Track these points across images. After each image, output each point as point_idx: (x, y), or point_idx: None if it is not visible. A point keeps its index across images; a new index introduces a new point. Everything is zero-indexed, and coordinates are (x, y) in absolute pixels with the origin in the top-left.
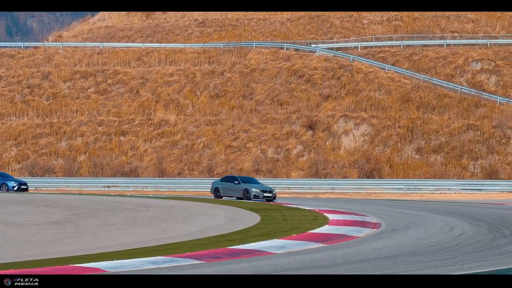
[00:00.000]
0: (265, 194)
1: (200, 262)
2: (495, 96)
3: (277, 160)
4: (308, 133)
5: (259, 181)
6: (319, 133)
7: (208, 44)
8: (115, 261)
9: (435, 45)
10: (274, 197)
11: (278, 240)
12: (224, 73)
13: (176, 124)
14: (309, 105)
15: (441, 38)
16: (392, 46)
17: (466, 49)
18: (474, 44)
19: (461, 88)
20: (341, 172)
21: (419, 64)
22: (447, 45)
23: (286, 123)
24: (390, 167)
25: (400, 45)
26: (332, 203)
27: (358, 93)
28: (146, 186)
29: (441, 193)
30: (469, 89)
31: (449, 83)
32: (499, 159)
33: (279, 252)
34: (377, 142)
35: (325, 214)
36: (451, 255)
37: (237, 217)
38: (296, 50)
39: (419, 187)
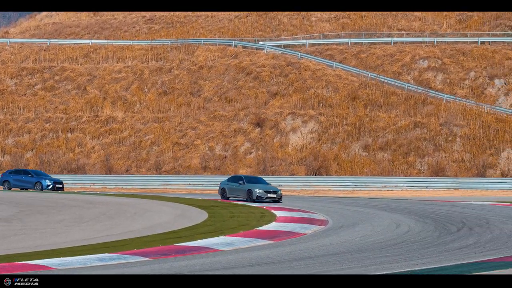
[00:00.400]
0: (268, 195)
1: (147, 259)
2: (441, 94)
3: (225, 157)
4: (256, 130)
5: (266, 180)
6: (267, 130)
7: (156, 41)
8: (62, 258)
9: (382, 42)
10: (280, 198)
11: (226, 237)
12: (172, 70)
13: (124, 121)
14: (257, 102)
15: (388, 36)
16: (339, 44)
17: (413, 47)
18: (421, 42)
19: (408, 86)
20: (288, 169)
21: (367, 62)
22: (394, 43)
23: (234, 120)
24: (337, 164)
25: (348, 43)
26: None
27: (306, 91)
28: (94, 183)
29: (388, 190)
30: (416, 86)
31: (396, 81)
32: (445, 157)
33: (226, 249)
34: (324, 140)
35: (272, 211)
36: (398, 251)
37: (185, 214)
38: (244, 47)
39: (366, 184)
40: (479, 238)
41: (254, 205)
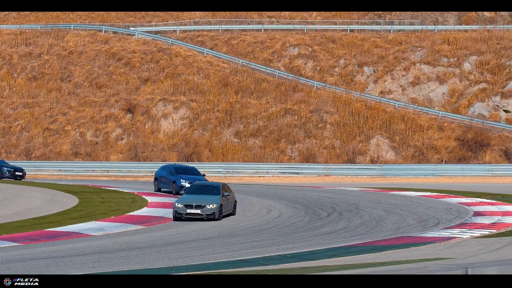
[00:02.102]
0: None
1: (17, 244)
2: (312, 81)
3: (96, 143)
4: (127, 116)
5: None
6: (138, 117)
7: (25, 26)
8: None
9: (253, 30)
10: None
11: (96, 222)
12: (42, 55)
13: None
14: (128, 88)
15: (259, 23)
16: (210, 31)
17: (283, 34)
18: (291, 29)
19: (278, 73)
20: (160, 156)
21: (238, 49)
22: (264, 30)
23: (105, 106)
24: (209, 150)
25: (219, 30)
26: (152, 186)
27: (177, 77)
28: None
29: (259, 176)
30: (287, 73)
31: (267, 68)
32: (316, 143)
33: (97, 234)
34: (196, 126)
35: (144, 196)
36: (269, 236)
37: (55, 200)
38: (114, 33)
39: (238, 170)
40: (349, 223)
41: (126, 191)
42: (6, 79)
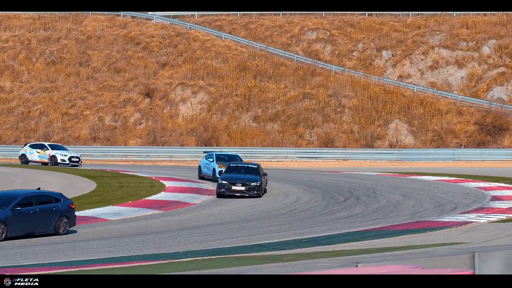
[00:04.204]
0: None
1: None
2: (330, 65)
3: (115, 127)
4: (146, 101)
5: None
6: (157, 101)
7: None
8: None
9: (271, 14)
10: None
11: (114, 207)
12: (60, 39)
13: (12, 91)
14: (146, 72)
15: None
16: (228, 15)
17: (301, 18)
18: (309, 14)
19: (297, 57)
20: (179, 140)
21: (256, 33)
22: (283, 14)
23: (123, 90)
24: (227, 135)
25: (237, 14)
26: (170, 170)
27: (195, 61)
28: None
29: (278, 161)
30: (305, 58)
31: (285, 52)
32: (334, 128)
33: (114, 219)
34: (214, 110)
35: (161, 181)
36: (285, 220)
37: (72, 184)
38: (133, 17)
39: (257, 155)
40: (366, 208)
41: (144, 175)
42: (25, 63)
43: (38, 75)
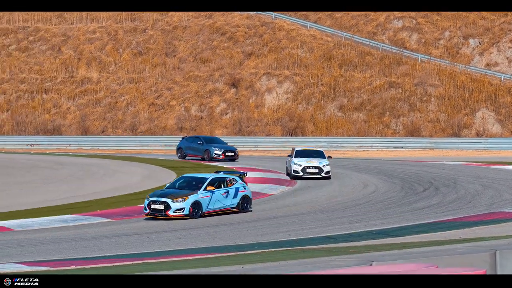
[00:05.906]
0: (227, 153)
1: (110, 220)
2: (416, 54)
3: (201, 118)
4: (231, 91)
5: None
6: (242, 91)
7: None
8: (23, 220)
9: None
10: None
11: None
12: (146, 30)
13: (99, 82)
14: (232, 62)
15: None
16: None
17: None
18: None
19: (382, 46)
20: (264, 130)
21: (341, 22)
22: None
23: (209, 80)
24: (313, 124)
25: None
26: (253, 161)
27: (281, 51)
28: (70, 144)
29: (363, 150)
30: (391, 46)
31: (371, 41)
32: (420, 117)
33: None
34: (300, 100)
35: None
36: (360, 211)
37: (153, 175)
38: None
39: (342, 144)
40: (444, 198)
41: (225, 166)
42: (111, 54)
43: (124, 66)
